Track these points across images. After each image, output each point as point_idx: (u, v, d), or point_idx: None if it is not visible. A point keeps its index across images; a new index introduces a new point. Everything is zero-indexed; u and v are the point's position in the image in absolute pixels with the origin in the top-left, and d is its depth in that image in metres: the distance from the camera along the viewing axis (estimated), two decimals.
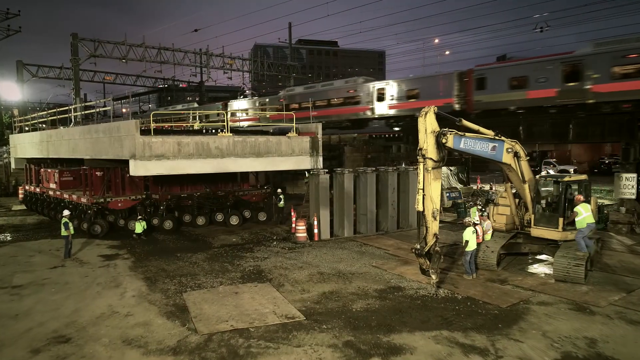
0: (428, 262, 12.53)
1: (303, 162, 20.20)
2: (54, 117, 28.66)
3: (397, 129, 35.61)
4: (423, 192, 12.35)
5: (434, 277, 12.60)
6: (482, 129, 13.91)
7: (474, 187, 37.42)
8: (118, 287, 13.66)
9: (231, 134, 19.28)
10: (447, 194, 29.79)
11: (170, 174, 19.22)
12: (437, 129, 12.50)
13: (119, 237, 21.15)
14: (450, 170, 36.17)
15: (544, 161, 48.60)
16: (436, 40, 79.49)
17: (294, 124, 20.62)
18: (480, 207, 19.19)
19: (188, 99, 67.90)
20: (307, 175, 28.53)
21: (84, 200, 22.64)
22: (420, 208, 12.41)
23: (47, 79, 51.04)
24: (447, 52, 78.88)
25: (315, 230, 20.47)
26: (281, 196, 24.78)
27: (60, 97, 65.53)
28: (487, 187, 39.73)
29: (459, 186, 35.54)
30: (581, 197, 14.30)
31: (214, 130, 25.68)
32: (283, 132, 20.62)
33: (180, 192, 24.32)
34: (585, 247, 13.93)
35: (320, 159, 20.66)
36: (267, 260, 16.76)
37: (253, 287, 13.48)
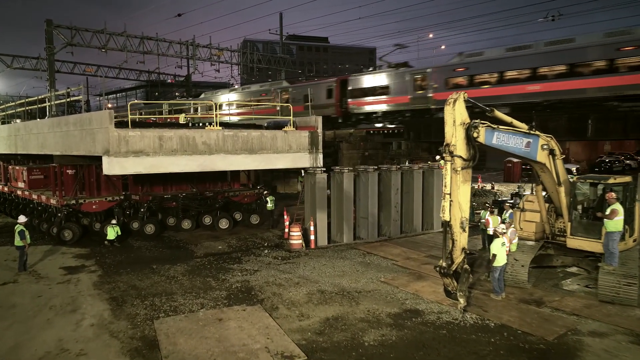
0: (455, 283, 10.30)
1: (301, 160, 17.88)
2: (22, 109, 26.04)
3: None
4: (450, 197, 10.11)
5: (461, 301, 10.39)
6: (515, 122, 11.70)
7: (475, 186, 35.37)
8: (75, 311, 11.22)
9: (220, 128, 16.98)
10: None
11: (150, 172, 16.85)
12: (467, 120, 10.26)
13: (90, 244, 18.70)
14: None
15: None
16: (430, 35, 77.28)
17: (291, 117, 18.26)
18: (491, 211, 17.02)
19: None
20: (301, 174, 26.24)
21: (53, 201, 20.15)
22: (447, 217, 10.17)
23: (24, 72, 48.06)
24: (442, 47, 76.66)
25: (312, 237, 18.19)
26: (268, 198, 22.32)
27: (39, 90, 62.36)
28: (488, 186, 37.86)
29: None
30: (613, 195, 12.11)
31: (201, 124, 23.31)
32: (279, 126, 18.27)
33: (164, 193, 21.93)
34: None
35: (320, 156, 18.34)
36: (258, 273, 14.43)
37: (241, 312, 11.14)
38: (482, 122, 10.42)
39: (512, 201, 24.18)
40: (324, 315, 10.91)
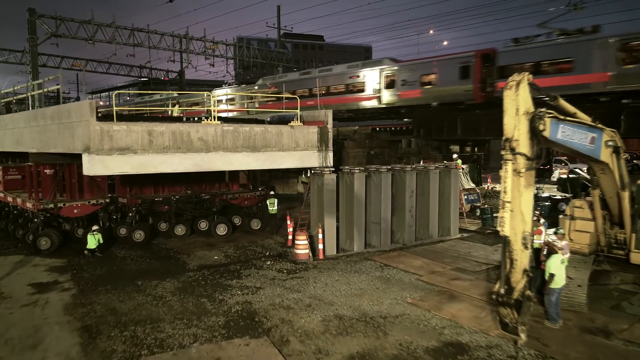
0: (515, 315, 8.23)
1: (309, 159, 15.81)
2: None
3: None
4: (510, 205, 8.02)
5: (522, 336, 8.33)
6: (579, 112, 9.66)
7: (485, 187, 33.34)
8: (36, 347, 9.01)
9: (219, 122, 14.92)
10: (465, 196, 25.69)
11: (138, 173, 14.76)
12: (532, 109, 8.18)
13: (69, 253, 16.52)
14: (462, 168, 32.01)
15: (554, 159, 44.62)
16: (431, 31, 75.38)
17: (299, 111, 16.14)
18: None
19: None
20: (306, 174, 24.12)
21: (29, 205, 17.93)
22: (507, 231, 8.08)
23: (9, 67, 45.90)
24: (445, 42, 74.85)
25: (320, 246, 16.07)
26: (268, 201, 20.01)
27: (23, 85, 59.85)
28: (498, 187, 35.87)
29: (472, 186, 31.41)
30: None
31: (196, 118, 21.15)
32: (284, 120, 16.17)
33: (155, 195, 19.71)
34: None
35: (330, 154, 16.30)
36: (261, 292, 12.28)
37: (243, 347, 8.99)
38: (548, 111, 8.35)
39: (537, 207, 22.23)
40: (346, 351, 8.79)
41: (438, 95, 26.32)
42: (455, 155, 25.45)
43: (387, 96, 28.45)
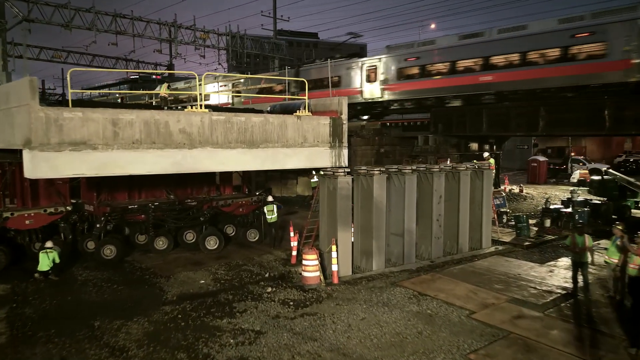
0: None
1: (320, 157, 12.54)
2: None
3: None
4: None
5: None
6: None
7: (502, 189, 30.21)
8: None
9: (207, 110, 11.62)
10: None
11: (98, 175, 11.43)
12: None
13: (18, 276, 13.16)
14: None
15: (571, 158, 41.55)
16: (432, 26, 72.42)
17: (306, 98, 12.81)
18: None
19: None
20: (313, 175, 20.84)
21: None
22: None
23: None
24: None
25: (334, 267, 12.74)
26: (266, 208, 16.60)
27: None
28: (516, 189, 32.84)
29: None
30: None
31: (179, 107, 17.74)
32: (288, 110, 12.88)
33: (128, 202, 16.28)
34: None
35: (345, 152, 13.03)
36: (262, 340, 8.90)
37: None
38: None
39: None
40: None
41: None
42: (486, 154, 22.18)
43: None
